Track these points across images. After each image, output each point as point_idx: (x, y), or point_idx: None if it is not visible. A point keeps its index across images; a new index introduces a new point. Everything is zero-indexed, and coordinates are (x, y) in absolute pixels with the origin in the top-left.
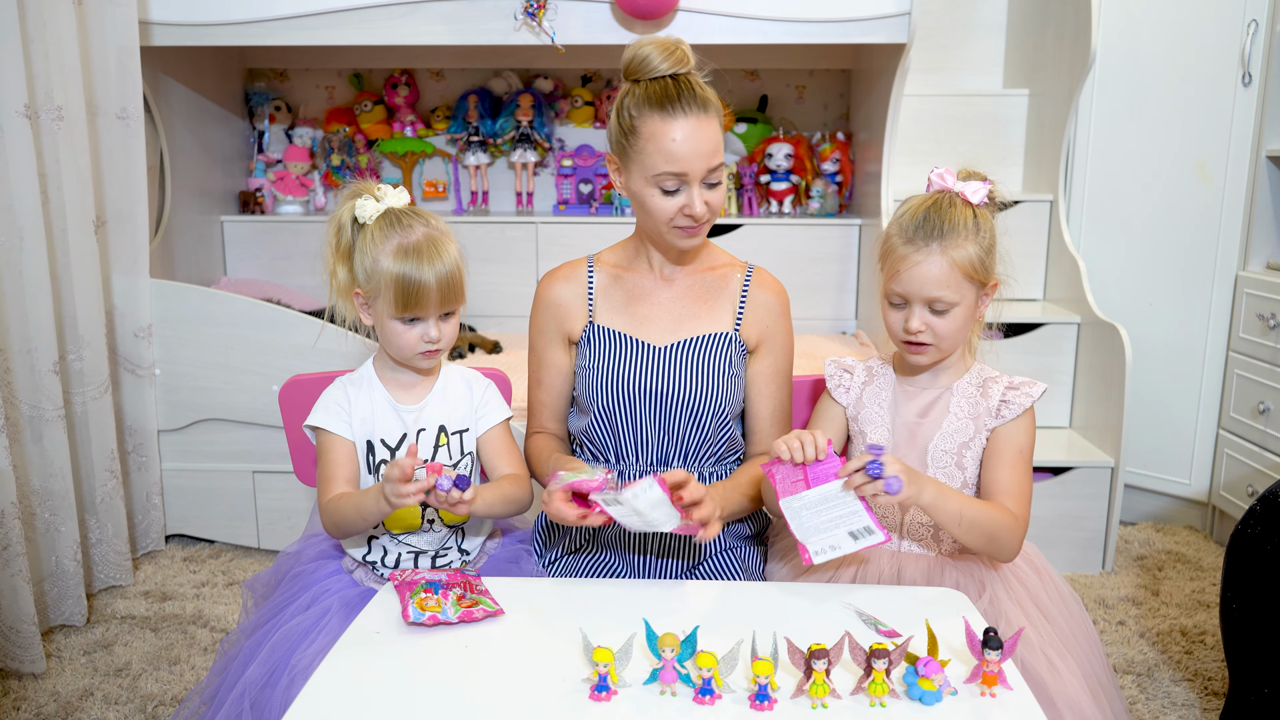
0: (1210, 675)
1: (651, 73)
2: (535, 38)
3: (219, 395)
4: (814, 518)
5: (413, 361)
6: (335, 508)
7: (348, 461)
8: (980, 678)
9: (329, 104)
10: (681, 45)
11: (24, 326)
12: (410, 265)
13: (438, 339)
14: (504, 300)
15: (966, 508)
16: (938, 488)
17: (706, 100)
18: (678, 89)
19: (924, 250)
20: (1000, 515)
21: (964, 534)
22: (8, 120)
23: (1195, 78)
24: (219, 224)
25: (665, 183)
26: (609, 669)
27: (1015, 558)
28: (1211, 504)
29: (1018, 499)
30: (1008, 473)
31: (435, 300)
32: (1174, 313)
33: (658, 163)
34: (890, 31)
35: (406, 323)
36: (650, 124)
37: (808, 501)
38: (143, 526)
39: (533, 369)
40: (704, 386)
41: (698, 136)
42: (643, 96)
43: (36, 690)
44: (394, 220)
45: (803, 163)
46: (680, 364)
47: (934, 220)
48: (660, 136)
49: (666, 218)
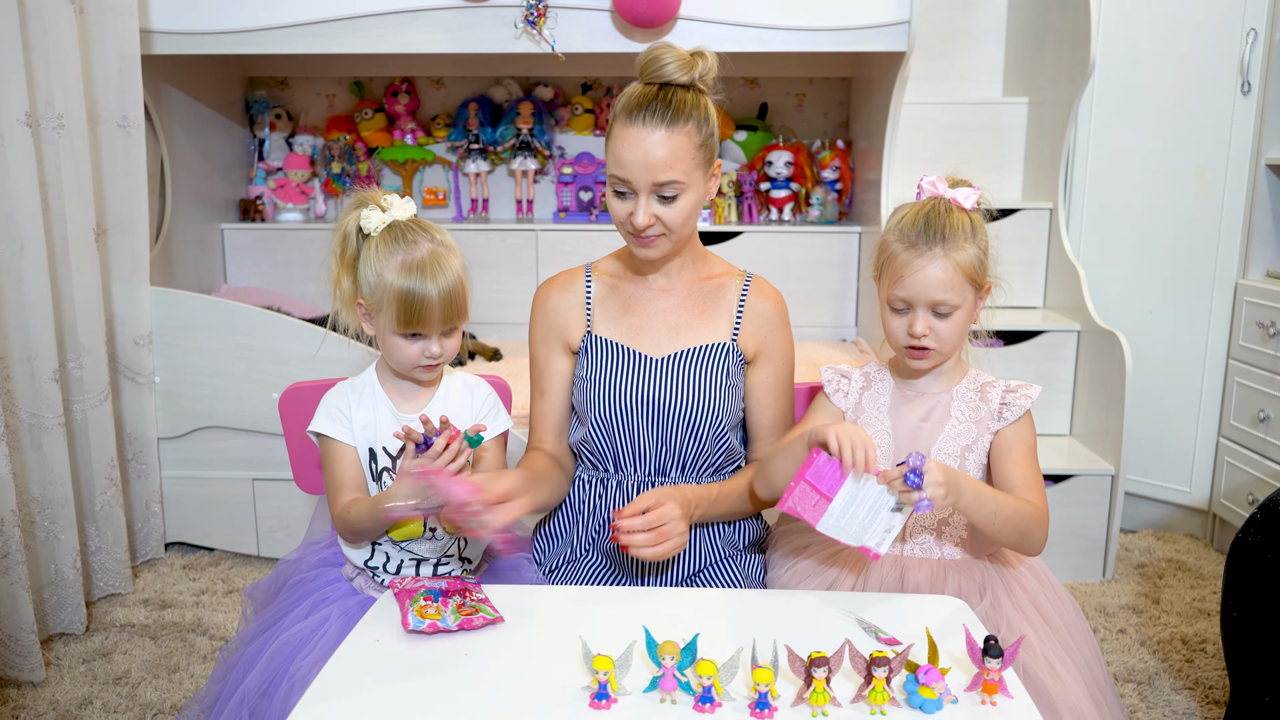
0: (1211, 684)
1: (653, 76)
2: (535, 46)
3: (219, 403)
4: (853, 520)
5: (413, 374)
6: (348, 516)
7: (353, 467)
8: (981, 686)
9: (329, 112)
10: (698, 57)
11: (24, 334)
12: (414, 281)
13: (439, 355)
14: (504, 308)
15: (1001, 507)
16: (975, 490)
17: (680, 114)
18: (654, 98)
19: (927, 255)
20: (1028, 509)
21: (998, 531)
22: (9, 128)
23: (1195, 86)
24: (219, 232)
25: (615, 185)
26: (609, 677)
27: (1042, 550)
28: (1212, 512)
29: (1035, 492)
30: (1021, 469)
31: (438, 318)
32: (1174, 321)
33: (610, 164)
34: (890, 40)
35: (408, 338)
36: (617, 126)
37: (838, 510)
38: (142, 534)
39: (534, 379)
40: (700, 399)
41: (646, 146)
42: (622, 100)
43: (36, 699)
44: (399, 234)
45: (803, 170)
46: (676, 376)
47: (935, 225)
48: (617, 139)
49: (619, 220)
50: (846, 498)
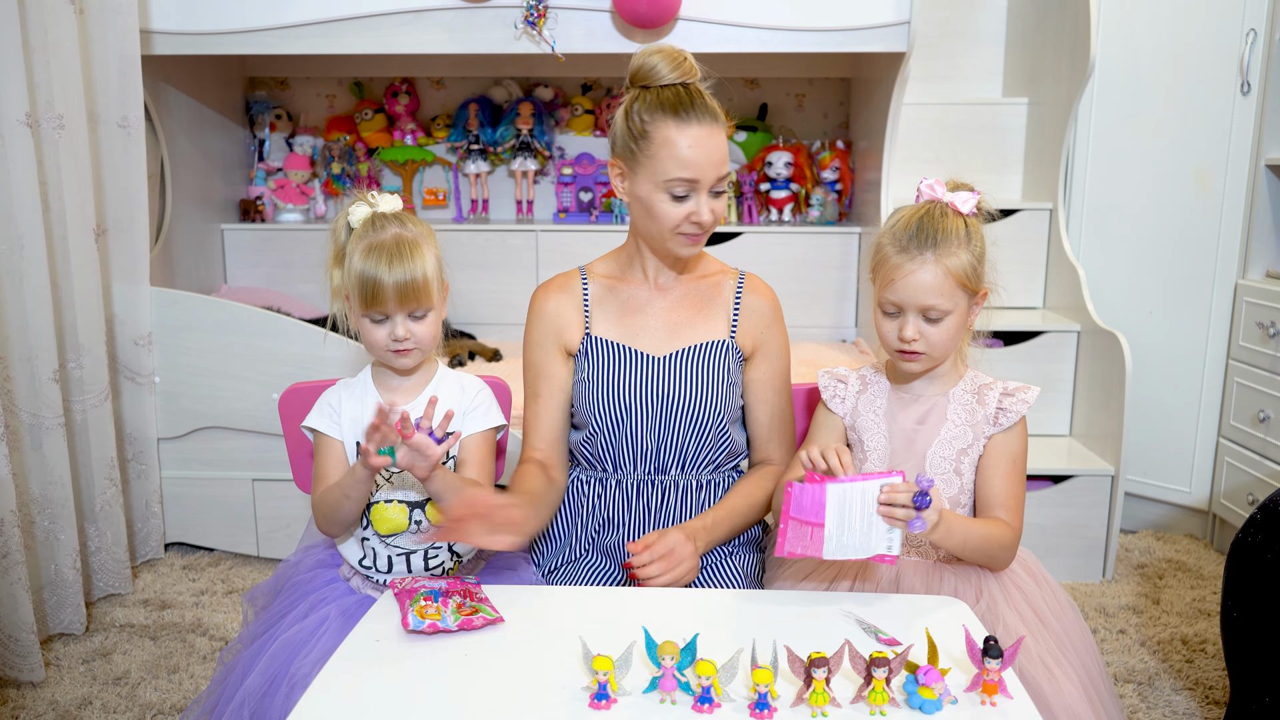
0: (1211, 684)
1: (659, 81)
2: (535, 46)
3: (219, 403)
4: (853, 534)
5: (387, 360)
6: (322, 499)
7: (337, 460)
8: (980, 686)
9: (329, 112)
10: (689, 57)
11: (24, 334)
12: (370, 263)
13: (404, 338)
14: (504, 308)
15: (970, 535)
16: (948, 524)
17: (715, 110)
18: (690, 96)
19: (918, 259)
20: (998, 532)
21: (966, 555)
22: (9, 128)
23: (1194, 86)
24: (219, 232)
25: (675, 188)
26: (609, 677)
27: (1008, 567)
28: (1212, 512)
29: (1013, 510)
30: (1002, 483)
31: (393, 298)
32: (1174, 321)
33: (670, 168)
34: (890, 40)
35: (375, 321)
36: (664, 129)
37: (834, 531)
38: (142, 534)
39: (529, 383)
40: (704, 394)
41: (709, 144)
42: (655, 102)
43: (35, 699)
44: (372, 223)
45: (802, 171)
46: (679, 373)
47: (927, 229)
48: (674, 142)
49: (673, 224)
50: (836, 514)
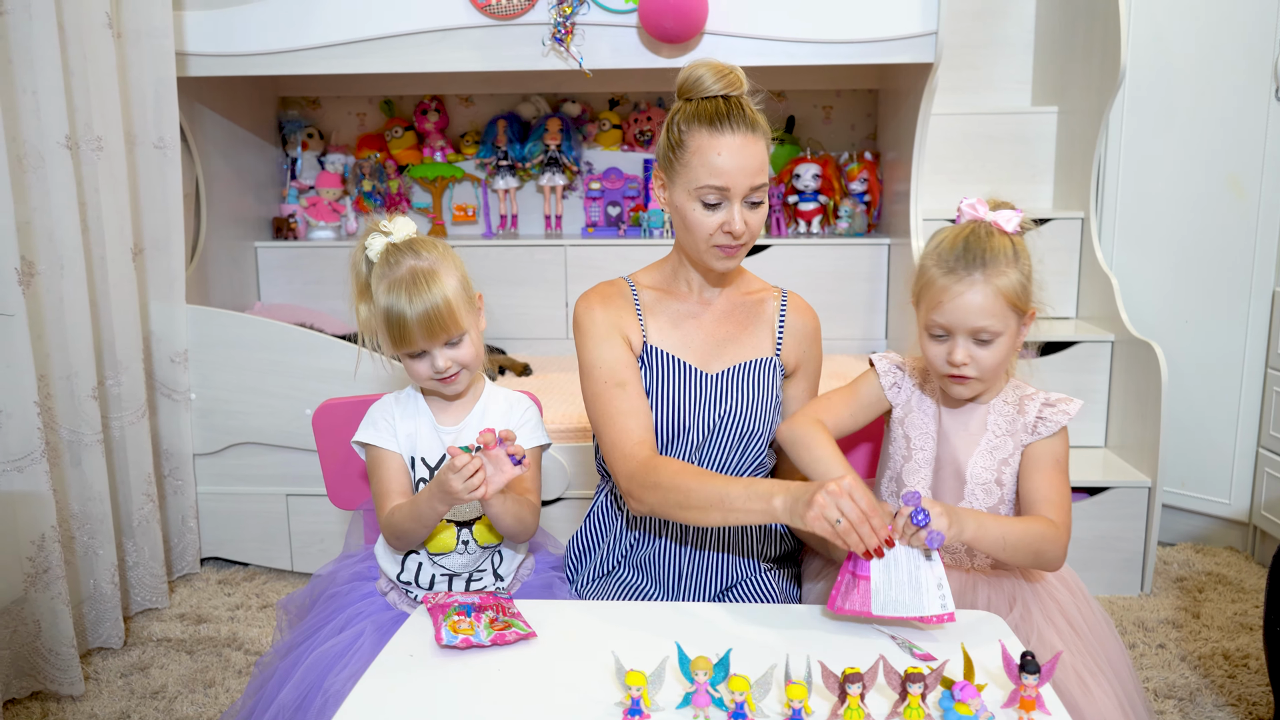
0: (1255, 700)
1: (704, 92)
2: (563, 63)
3: (253, 419)
4: (900, 589)
5: (435, 389)
6: (393, 519)
7: (400, 474)
8: (1018, 703)
9: (360, 130)
10: (735, 70)
11: (64, 352)
12: (392, 301)
13: (445, 369)
14: (534, 323)
15: (1008, 531)
16: (977, 520)
17: (755, 121)
18: (728, 107)
19: (966, 280)
20: (1041, 528)
21: (1010, 556)
22: (49, 151)
23: (1226, 92)
24: (253, 250)
25: (707, 196)
26: (642, 692)
27: (1062, 565)
28: (1252, 524)
29: (1058, 507)
30: (1046, 482)
31: (420, 335)
32: (1210, 329)
33: (701, 175)
34: (917, 51)
35: (411, 356)
36: (697, 138)
37: (880, 586)
38: (178, 549)
39: (603, 377)
40: (754, 412)
41: (743, 153)
42: (693, 112)
43: (75, 712)
44: (388, 257)
45: (830, 183)
46: (733, 390)
47: (975, 250)
48: (706, 150)
49: (706, 234)
50: (880, 568)
